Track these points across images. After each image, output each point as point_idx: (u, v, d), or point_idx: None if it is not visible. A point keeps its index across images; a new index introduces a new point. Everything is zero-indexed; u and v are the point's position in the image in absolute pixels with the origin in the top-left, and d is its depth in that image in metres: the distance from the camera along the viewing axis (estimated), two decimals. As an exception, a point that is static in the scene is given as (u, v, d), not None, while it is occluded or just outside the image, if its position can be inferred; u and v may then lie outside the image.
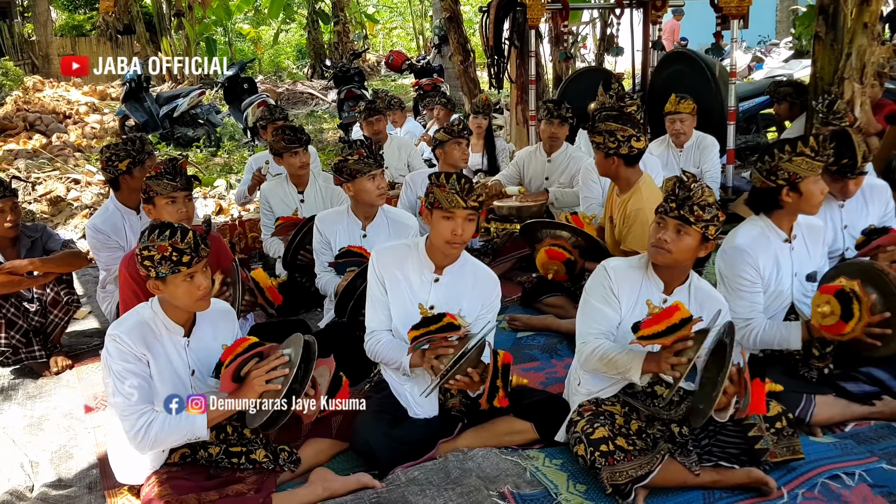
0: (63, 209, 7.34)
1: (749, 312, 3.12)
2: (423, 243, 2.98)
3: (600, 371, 2.78)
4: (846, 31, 5.31)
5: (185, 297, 2.58)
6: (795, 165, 2.98)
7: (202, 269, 2.61)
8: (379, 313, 3.00)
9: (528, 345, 3.95)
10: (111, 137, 11.73)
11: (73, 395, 3.75)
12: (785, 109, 6.25)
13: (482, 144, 6.67)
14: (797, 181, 2.99)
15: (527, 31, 6.97)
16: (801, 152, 2.98)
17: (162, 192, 3.46)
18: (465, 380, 2.74)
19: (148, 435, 2.49)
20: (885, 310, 2.86)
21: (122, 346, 2.54)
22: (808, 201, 3.03)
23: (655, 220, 2.72)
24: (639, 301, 2.78)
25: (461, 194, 2.79)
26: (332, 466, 2.87)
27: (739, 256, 3.08)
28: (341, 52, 20.38)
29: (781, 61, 14.96)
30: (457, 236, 2.82)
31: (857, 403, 3.03)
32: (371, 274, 2.99)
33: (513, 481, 2.70)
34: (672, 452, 2.66)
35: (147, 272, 2.56)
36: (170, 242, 2.52)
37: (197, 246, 2.56)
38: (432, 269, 2.97)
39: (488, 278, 3.05)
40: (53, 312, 4.00)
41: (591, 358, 2.73)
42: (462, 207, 2.79)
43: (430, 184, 2.86)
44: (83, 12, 25.09)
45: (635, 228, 3.79)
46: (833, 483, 2.65)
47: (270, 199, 4.84)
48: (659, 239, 2.67)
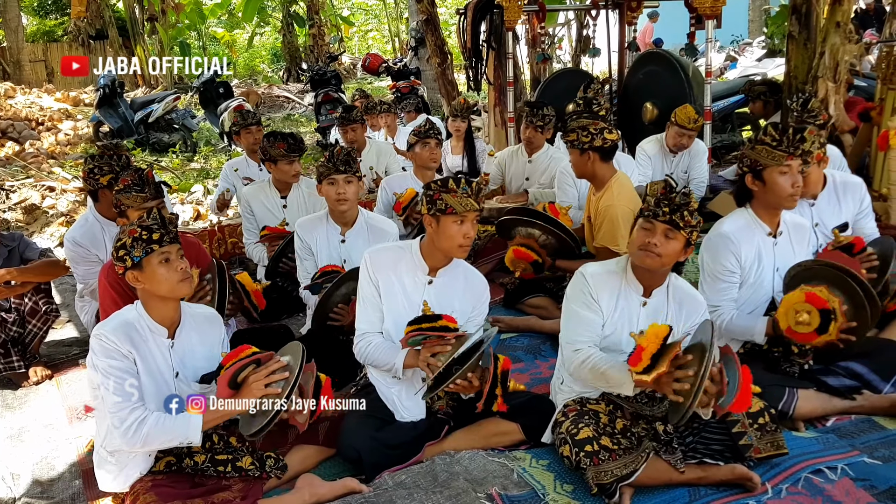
0: (38, 217, 7.25)
1: (719, 300, 3.19)
2: (417, 245, 2.99)
3: (590, 382, 2.79)
4: (819, 30, 5.38)
5: (165, 282, 2.58)
6: (757, 153, 3.11)
7: (177, 252, 2.63)
8: (371, 315, 2.99)
9: (512, 346, 3.96)
10: (85, 144, 11.61)
11: (53, 405, 3.70)
12: (759, 108, 6.33)
13: (462, 147, 6.67)
14: (759, 169, 3.10)
15: (504, 32, 6.99)
16: (761, 140, 3.11)
17: (133, 206, 3.42)
18: (463, 383, 2.76)
19: (139, 432, 2.46)
20: (853, 319, 2.92)
21: (108, 343, 2.52)
22: (772, 191, 3.10)
23: (641, 224, 2.71)
24: (618, 306, 2.80)
25: (474, 196, 2.82)
26: (319, 472, 2.86)
27: (723, 243, 3.16)
28: (317, 55, 20.32)
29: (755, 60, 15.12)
30: (468, 239, 2.84)
31: (838, 398, 3.07)
32: (364, 275, 2.98)
33: (500, 483, 2.69)
34: (657, 450, 2.67)
35: (123, 264, 2.58)
36: (138, 223, 2.59)
37: (164, 221, 2.60)
38: (426, 271, 2.97)
39: (479, 281, 3.08)
40: (32, 322, 3.95)
41: (582, 369, 2.73)
42: (476, 209, 2.82)
43: (432, 191, 2.85)
44: (54, 18, 24.78)
45: (605, 226, 3.84)
46: (816, 477, 2.67)
47: (252, 204, 4.80)
48: (648, 243, 2.67)
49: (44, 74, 21.05)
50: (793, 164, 3.05)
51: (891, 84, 5.06)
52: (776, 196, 3.11)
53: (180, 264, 2.62)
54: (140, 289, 2.64)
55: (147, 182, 3.47)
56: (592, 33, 7.82)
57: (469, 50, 7.57)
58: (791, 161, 3.04)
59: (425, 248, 2.96)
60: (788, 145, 3.04)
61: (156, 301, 2.65)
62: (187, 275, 2.65)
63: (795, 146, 3.03)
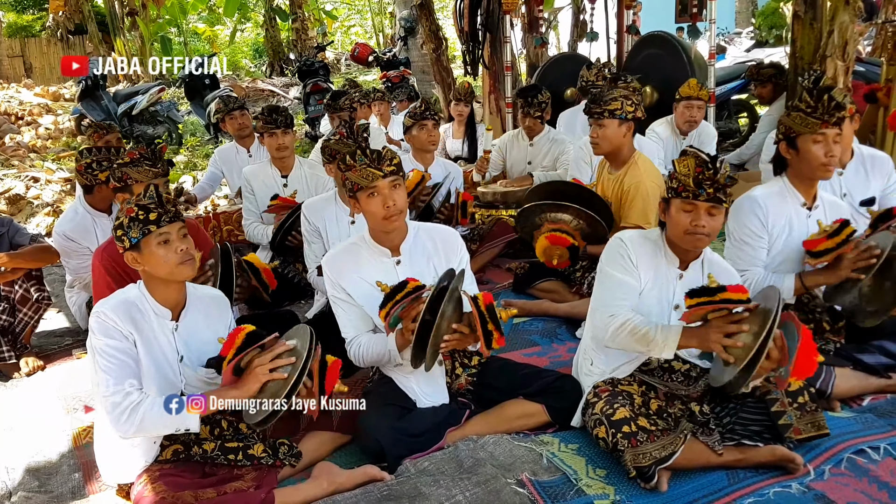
0: (23, 208, 7.04)
1: (747, 264, 3.09)
2: (367, 234, 2.86)
3: (626, 346, 2.65)
4: (827, 8, 5.27)
5: (164, 264, 2.42)
6: (791, 120, 3.03)
7: (178, 232, 2.47)
8: (352, 318, 2.85)
9: (527, 330, 3.82)
10: (67, 137, 11.37)
11: (46, 396, 3.52)
12: (769, 91, 6.23)
13: (463, 131, 6.53)
14: (793, 136, 3.02)
15: (501, 16, 6.86)
16: (796, 107, 3.02)
17: (142, 179, 3.27)
18: (455, 337, 2.60)
19: (133, 417, 2.29)
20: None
21: (108, 321, 2.36)
22: (805, 159, 3.00)
23: (681, 206, 2.57)
24: (657, 276, 2.68)
25: (374, 165, 2.68)
26: (335, 460, 2.70)
27: (749, 205, 3.07)
28: (300, 50, 20.06)
29: (744, 51, 15.07)
30: (391, 208, 2.70)
31: (875, 376, 2.97)
32: (329, 285, 2.85)
33: (529, 468, 2.56)
34: (694, 432, 2.55)
35: (122, 245, 2.44)
36: (135, 202, 2.43)
37: (161, 200, 2.44)
38: (388, 254, 2.84)
39: (446, 233, 2.98)
40: (23, 311, 3.77)
41: (621, 332, 2.58)
42: (382, 177, 2.67)
43: (340, 171, 2.74)
44: (32, 13, 24.37)
45: (636, 202, 3.69)
46: (859, 458, 2.56)
47: (253, 183, 4.66)
48: (696, 226, 2.54)
49: (22, 70, 20.71)
50: (828, 133, 2.93)
51: (899, 64, 4.97)
52: (809, 165, 2.99)
53: (181, 245, 2.45)
54: (141, 270, 2.48)
55: (158, 157, 3.37)
56: (590, 18, 7.69)
57: (467, 34, 7.43)
58: (826, 129, 2.92)
59: (372, 233, 2.84)
60: (823, 112, 2.92)
61: (157, 283, 2.49)
62: (189, 256, 2.48)
63: (831, 113, 2.91)
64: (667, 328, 2.53)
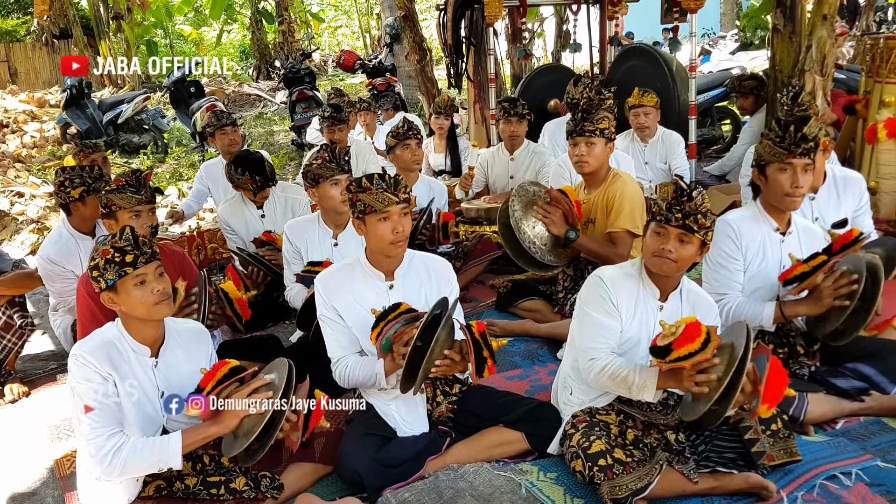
0: (7, 225, 7.01)
1: (725, 287, 3.12)
2: (364, 256, 2.89)
3: (608, 389, 2.70)
4: (805, 23, 5.32)
5: (141, 305, 2.43)
6: (763, 147, 3.06)
7: (154, 272, 2.47)
8: (340, 339, 2.87)
9: (508, 351, 3.83)
10: (53, 146, 11.32)
11: (31, 424, 3.53)
12: (750, 103, 6.28)
13: (445, 145, 6.55)
14: (763, 164, 3.06)
15: (484, 28, 6.88)
16: (766, 135, 3.06)
17: (125, 206, 3.28)
18: (445, 363, 2.63)
19: (116, 459, 2.32)
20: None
21: (87, 365, 2.37)
22: (771, 188, 3.05)
23: (654, 228, 2.63)
24: (637, 310, 2.71)
25: (391, 190, 2.72)
26: (317, 491, 2.74)
27: (722, 227, 3.09)
28: (287, 52, 20.00)
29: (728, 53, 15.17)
30: (398, 234, 2.74)
31: (848, 400, 3.01)
32: (320, 303, 2.86)
33: (508, 498, 2.59)
34: (669, 461, 2.59)
35: (98, 286, 2.44)
36: (111, 244, 2.42)
37: (137, 241, 2.44)
38: (382, 277, 2.87)
39: (439, 263, 3.01)
40: (6, 338, 3.78)
41: (601, 376, 2.63)
42: (396, 203, 2.71)
43: (351, 195, 2.78)
44: (16, 17, 24.21)
45: (624, 207, 3.74)
46: (831, 484, 2.61)
47: (231, 223, 4.66)
48: (663, 249, 2.59)
49: (7, 76, 20.56)
50: (795, 163, 2.96)
51: (877, 77, 5.01)
52: (775, 194, 3.04)
53: (157, 285, 2.46)
54: (118, 309, 2.49)
55: (143, 184, 3.35)
56: (573, 28, 7.72)
57: (450, 46, 7.45)
58: (792, 159, 2.96)
59: (370, 256, 2.87)
60: (791, 143, 2.95)
61: (135, 321, 2.50)
62: (166, 296, 2.49)
63: (797, 144, 2.95)
64: (644, 371, 2.56)
